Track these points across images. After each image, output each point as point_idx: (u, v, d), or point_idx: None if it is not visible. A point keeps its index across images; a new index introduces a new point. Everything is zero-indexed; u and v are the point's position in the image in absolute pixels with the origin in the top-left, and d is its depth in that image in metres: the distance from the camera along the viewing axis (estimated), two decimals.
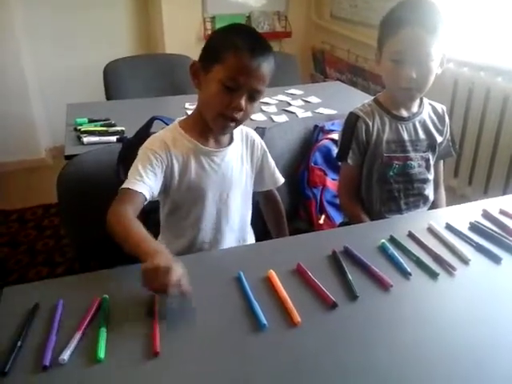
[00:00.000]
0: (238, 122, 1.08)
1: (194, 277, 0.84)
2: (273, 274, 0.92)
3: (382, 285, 0.90)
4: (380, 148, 1.30)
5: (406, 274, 0.94)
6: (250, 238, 1.30)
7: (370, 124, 1.30)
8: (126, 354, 0.73)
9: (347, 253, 1.00)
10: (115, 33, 3.39)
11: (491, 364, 0.74)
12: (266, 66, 1.03)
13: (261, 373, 0.71)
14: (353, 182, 1.36)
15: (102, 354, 0.72)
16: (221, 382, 0.70)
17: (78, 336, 0.75)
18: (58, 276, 0.95)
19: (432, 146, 1.35)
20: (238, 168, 1.19)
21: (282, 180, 1.31)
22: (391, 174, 1.32)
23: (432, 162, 1.37)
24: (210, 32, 3.34)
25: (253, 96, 1.05)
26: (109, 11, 3.31)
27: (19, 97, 3.10)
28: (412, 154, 1.32)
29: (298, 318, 0.81)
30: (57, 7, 3.16)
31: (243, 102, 1.03)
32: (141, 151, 1.09)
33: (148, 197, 1.04)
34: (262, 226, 1.36)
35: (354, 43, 3.07)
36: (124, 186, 1.03)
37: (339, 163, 1.39)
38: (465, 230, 1.10)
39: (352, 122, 1.31)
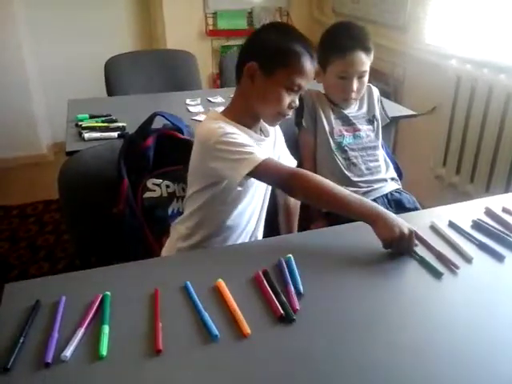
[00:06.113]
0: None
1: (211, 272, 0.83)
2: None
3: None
4: (330, 128, 1.52)
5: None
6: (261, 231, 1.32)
7: (313, 100, 1.53)
8: (128, 352, 0.73)
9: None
10: (116, 28, 3.38)
11: (495, 363, 0.73)
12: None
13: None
14: (313, 150, 1.56)
15: (104, 351, 0.72)
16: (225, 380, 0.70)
17: (80, 333, 0.75)
18: (59, 271, 0.95)
19: (372, 118, 1.59)
20: None
21: (295, 162, 1.34)
22: (345, 142, 1.54)
23: (380, 131, 1.60)
24: (211, 28, 3.33)
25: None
26: (110, 7, 3.31)
27: (20, 92, 3.10)
28: (358, 126, 1.56)
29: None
30: (58, 2, 3.15)
31: (297, 100, 1.12)
32: (224, 139, 1.04)
33: None
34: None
35: None
36: (256, 162, 1.01)
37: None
38: (467, 228, 1.09)
39: (303, 95, 1.40)
